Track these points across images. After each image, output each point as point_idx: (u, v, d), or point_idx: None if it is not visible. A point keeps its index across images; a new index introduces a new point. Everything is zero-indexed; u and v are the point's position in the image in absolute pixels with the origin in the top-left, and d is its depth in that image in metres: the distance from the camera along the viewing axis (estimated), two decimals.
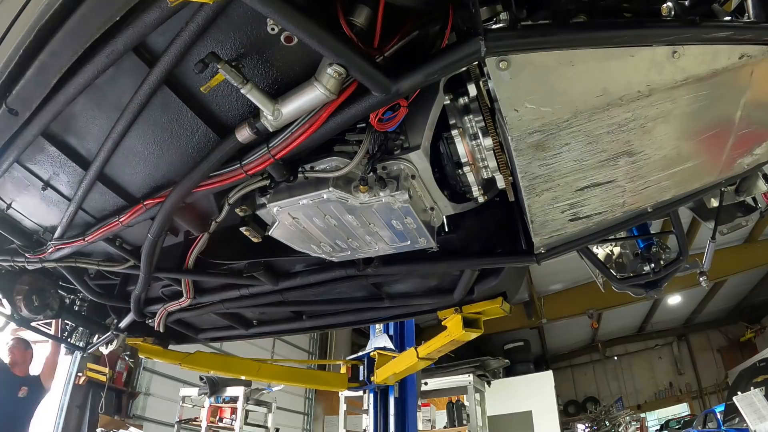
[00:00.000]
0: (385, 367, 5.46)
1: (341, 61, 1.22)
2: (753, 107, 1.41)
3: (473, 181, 1.67)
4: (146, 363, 8.60)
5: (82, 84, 1.40)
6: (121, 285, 3.02)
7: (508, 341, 14.39)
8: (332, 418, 11.87)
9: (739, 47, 1.26)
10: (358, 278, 2.38)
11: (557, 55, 1.19)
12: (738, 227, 2.53)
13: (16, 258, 2.48)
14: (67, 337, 3.73)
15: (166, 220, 1.91)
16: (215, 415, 7.46)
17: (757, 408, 6.90)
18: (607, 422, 13.70)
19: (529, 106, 1.25)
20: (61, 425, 7.22)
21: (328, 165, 1.64)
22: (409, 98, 1.40)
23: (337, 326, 3.44)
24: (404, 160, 1.58)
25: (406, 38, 1.33)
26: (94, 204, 2.05)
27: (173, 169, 1.80)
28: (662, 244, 2.73)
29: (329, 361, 13.45)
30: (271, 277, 2.44)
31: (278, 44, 1.32)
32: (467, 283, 2.48)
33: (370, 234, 1.84)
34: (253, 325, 3.39)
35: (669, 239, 3.59)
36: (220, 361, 5.20)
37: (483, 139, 1.53)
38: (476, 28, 1.16)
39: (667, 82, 1.25)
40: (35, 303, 3.06)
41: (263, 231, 1.95)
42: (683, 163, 1.54)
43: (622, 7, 1.38)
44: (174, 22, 1.25)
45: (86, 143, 1.77)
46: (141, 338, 3.72)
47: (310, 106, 1.35)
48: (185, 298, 2.70)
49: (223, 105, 1.54)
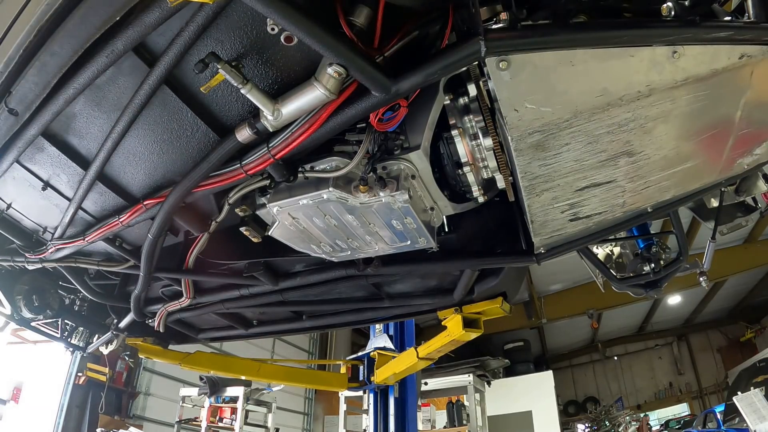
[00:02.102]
0: (385, 367, 5.46)
1: (341, 61, 1.22)
2: (753, 107, 1.41)
3: (473, 181, 1.67)
4: (146, 363, 8.61)
5: (82, 84, 1.40)
6: (121, 285, 3.02)
7: (508, 341, 14.39)
8: (332, 418, 11.87)
9: (739, 47, 1.26)
10: (358, 278, 2.38)
11: (557, 55, 1.19)
12: (738, 227, 2.53)
13: (16, 258, 2.48)
14: (67, 337, 3.73)
15: (166, 220, 1.91)
16: (215, 415, 7.45)
17: (757, 408, 6.90)
18: (607, 422, 13.70)
19: (529, 106, 1.25)
20: (61, 425, 7.23)
21: (328, 165, 1.64)
22: (409, 98, 1.40)
23: (337, 326, 3.44)
24: (404, 160, 1.58)
25: (406, 38, 1.33)
26: (94, 204, 2.05)
27: (173, 169, 1.80)
28: (662, 244, 2.73)
29: (329, 361, 13.45)
30: (271, 277, 2.43)
31: (278, 44, 1.32)
32: (467, 283, 2.48)
33: (370, 234, 1.84)
34: (253, 325, 3.39)
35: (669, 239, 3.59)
36: (220, 361, 5.20)
37: (483, 139, 1.53)
38: (476, 28, 1.16)
39: (667, 82, 1.25)
40: (35, 303, 3.06)
41: (263, 231, 1.95)
42: (683, 163, 1.54)
43: (622, 7, 1.38)
44: (174, 22, 1.25)
45: (86, 143, 1.76)
46: (141, 338, 3.72)
47: (310, 106, 1.35)
48: (185, 298, 2.70)
49: (223, 105, 1.54)
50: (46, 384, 7.86)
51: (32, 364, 7.88)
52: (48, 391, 7.75)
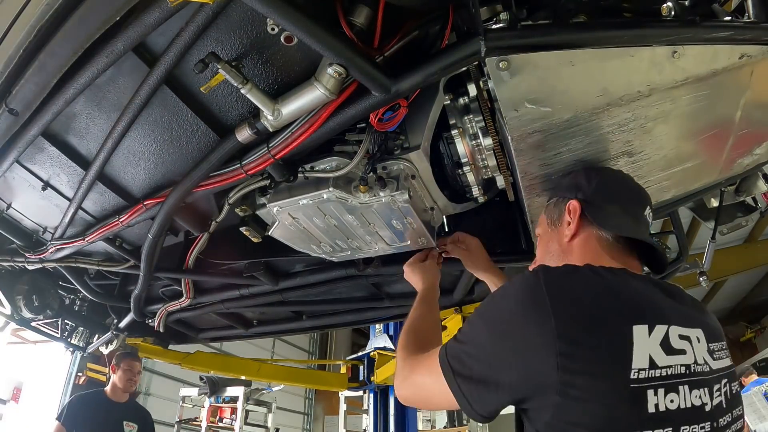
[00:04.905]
0: (385, 367, 5.47)
1: (341, 61, 1.22)
2: (753, 107, 1.41)
3: (473, 181, 1.67)
4: (146, 363, 8.59)
5: (82, 84, 1.40)
6: (121, 285, 3.03)
7: None
8: (332, 418, 11.86)
9: (739, 47, 1.26)
10: (358, 278, 2.38)
11: (557, 55, 1.19)
12: (738, 227, 2.53)
13: (16, 258, 2.48)
14: (67, 337, 3.73)
15: (166, 220, 1.91)
16: (215, 415, 7.46)
17: (757, 408, 6.90)
18: None
19: (529, 106, 1.25)
20: None
21: (328, 165, 1.64)
22: (409, 98, 1.40)
23: (337, 326, 3.44)
24: (404, 160, 1.58)
25: (406, 38, 1.32)
26: (94, 204, 2.05)
27: (173, 169, 1.80)
28: (662, 244, 2.73)
29: (329, 361, 13.45)
30: (271, 277, 2.44)
31: (278, 44, 1.32)
32: (467, 283, 2.49)
33: (371, 234, 1.84)
34: (253, 325, 3.40)
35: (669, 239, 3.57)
36: (220, 361, 5.22)
37: (483, 139, 1.53)
38: (476, 28, 1.16)
39: (667, 82, 1.25)
40: (35, 303, 3.06)
41: (263, 231, 1.95)
42: (683, 163, 1.54)
43: (622, 7, 1.38)
44: (174, 22, 1.25)
45: (86, 143, 1.77)
46: (141, 338, 3.73)
47: (310, 106, 1.35)
48: (185, 298, 2.70)
49: (223, 105, 1.54)
50: (46, 384, 7.86)
51: (32, 364, 7.89)
52: (48, 391, 7.75)
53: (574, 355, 0.90)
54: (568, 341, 0.91)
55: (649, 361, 0.92)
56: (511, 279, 1.09)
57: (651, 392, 0.90)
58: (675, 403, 0.92)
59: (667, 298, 1.06)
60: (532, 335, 0.94)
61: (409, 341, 1.38)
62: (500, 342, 0.99)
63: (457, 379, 1.03)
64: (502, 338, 0.99)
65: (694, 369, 0.97)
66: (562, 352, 0.90)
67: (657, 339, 0.94)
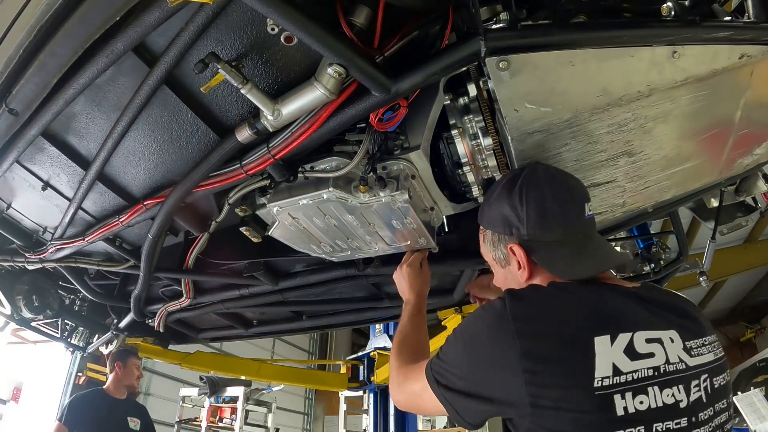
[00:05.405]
0: (385, 367, 5.46)
1: (341, 61, 1.22)
2: (753, 107, 1.41)
3: (473, 181, 1.67)
4: (146, 363, 8.60)
5: (82, 84, 1.40)
6: (121, 285, 3.03)
7: None
8: (332, 418, 11.87)
9: (739, 47, 1.26)
10: (358, 278, 2.38)
11: (557, 55, 1.19)
12: (738, 227, 2.53)
13: (16, 258, 2.48)
14: (67, 337, 3.73)
15: (166, 220, 1.91)
16: (215, 415, 7.46)
17: (757, 408, 6.90)
18: None
19: (529, 106, 1.25)
20: None
21: (328, 165, 1.64)
22: (409, 98, 1.40)
23: (337, 326, 3.44)
24: (404, 160, 1.58)
25: (406, 38, 1.32)
26: (94, 204, 2.05)
27: (173, 169, 1.80)
28: (662, 244, 2.73)
29: (329, 361, 13.45)
30: (271, 277, 2.44)
31: (278, 44, 1.32)
32: (467, 283, 2.48)
33: (370, 234, 1.84)
34: (253, 325, 3.40)
35: (669, 239, 3.58)
36: (220, 361, 5.22)
37: (483, 139, 1.53)
38: (476, 28, 1.16)
39: (667, 82, 1.25)
40: (35, 303, 3.06)
41: (263, 231, 1.95)
42: (683, 163, 1.54)
43: (622, 7, 1.38)
44: (174, 22, 1.25)
45: (86, 143, 1.77)
46: (141, 338, 3.73)
47: (310, 106, 1.35)
48: (185, 298, 2.70)
49: (223, 105, 1.54)
50: (46, 384, 7.86)
51: (32, 364, 7.89)
52: (48, 391, 7.75)
53: (540, 371, 0.99)
54: (533, 359, 1.00)
55: (612, 369, 0.98)
56: (484, 304, 1.19)
57: (618, 396, 0.96)
58: (645, 404, 0.97)
59: (636, 306, 1.10)
60: (499, 357, 1.05)
61: (402, 352, 1.51)
62: (475, 361, 1.10)
63: (443, 392, 1.14)
64: (477, 358, 1.10)
65: (665, 369, 1.02)
66: (528, 369, 1.00)
67: (620, 347, 1.00)
